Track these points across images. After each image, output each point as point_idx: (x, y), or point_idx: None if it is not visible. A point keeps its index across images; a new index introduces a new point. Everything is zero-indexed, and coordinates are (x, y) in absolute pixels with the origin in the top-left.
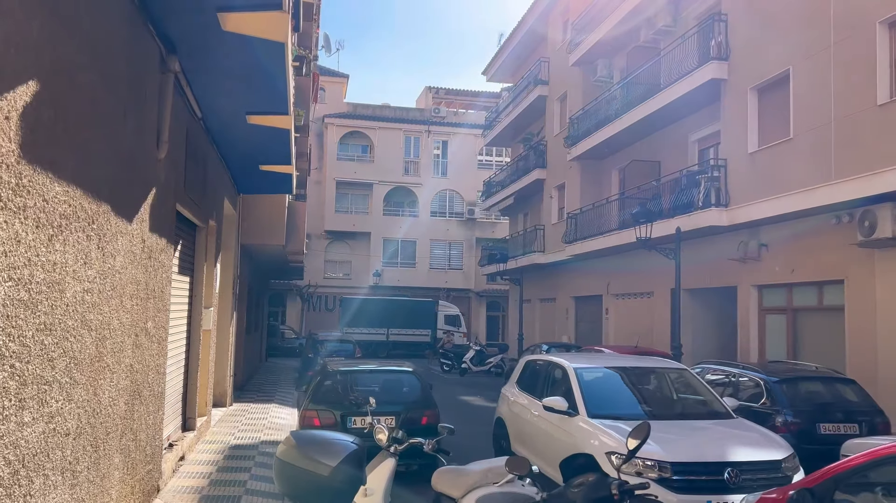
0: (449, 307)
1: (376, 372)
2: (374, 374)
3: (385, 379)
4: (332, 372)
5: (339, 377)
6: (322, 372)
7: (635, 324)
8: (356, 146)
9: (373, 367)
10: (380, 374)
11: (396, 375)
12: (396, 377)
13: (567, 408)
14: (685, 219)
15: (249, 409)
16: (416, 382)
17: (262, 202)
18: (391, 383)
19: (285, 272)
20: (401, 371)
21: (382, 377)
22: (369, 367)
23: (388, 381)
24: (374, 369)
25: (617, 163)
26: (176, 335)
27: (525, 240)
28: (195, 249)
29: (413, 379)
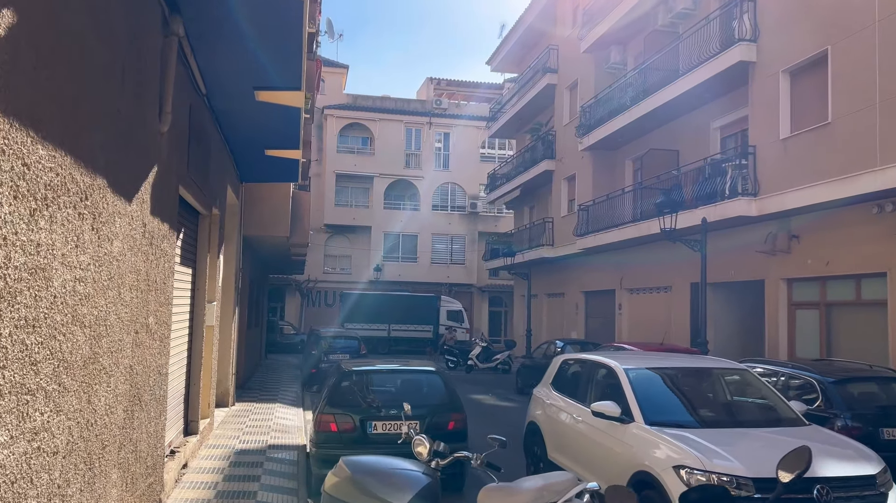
0: (451, 302)
1: (396, 372)
2: (393, 374)
3: (406, 379)
4: (348, 372)
5: (355, 377)
6: (337, 372)
7: (651, 320)
8: (356, 138)
9: (392, 367)
10: (400, 374)
11: (418, 375)
12: (418, 377)
13: (620, 414)
14: (711, 209)
15: (253, 410)
16: (440, 383)
17: (266, 192)
18: (412, 384)
19: (286, 266)
20: (423, 371)
21: (403, 377)
22: (388, 367)
23: (409, 382)
24: (393, 369)
25: (631, 152)
26: (178, 331)
27: (531, 233)
28: (197, 239)
29: (436, 379)
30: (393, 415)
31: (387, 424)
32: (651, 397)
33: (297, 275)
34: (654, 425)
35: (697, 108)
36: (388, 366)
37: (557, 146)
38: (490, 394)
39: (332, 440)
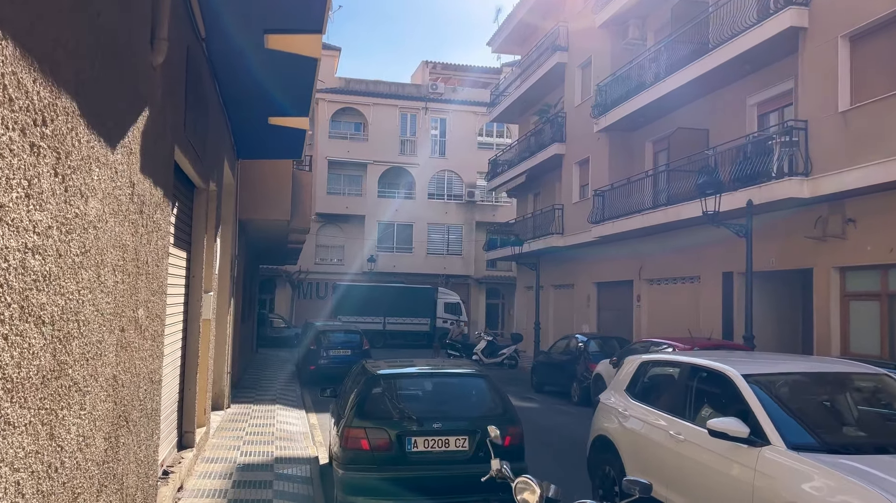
0: (449, 294)
1: (436, 376)
2: (432, 379)
3: (447, 385)
4: (378, 376)
5: (388, 383)
6: (362, 375)
7: (674, 313)
8: (349, 123)
9: (431, 370)
10: (440, 379)
11: (460, 380)
12: (462, 383)
13: (749, 434)
14: (755, 191)
15: (251, 412)
16: (488, 389)
17: (264, 170)
18: (456, 391)
19: (280, 255)
20: (466, 374)
21: (444, 382)
22: (426, 370)
23: (452, 388)
24: (432, 372)
25: (653, 133)
26: (172, 327)
27: (537, 222)
28: (193, 217)
29: (484, 385)
30: (437, 429)
31: (429, 441)
32: (786, 412)
33: (289, 266)
34: (799, 449)
35: (731, 83)
36: (425, 370)
37: (568, 128)
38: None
39: (364, 460)
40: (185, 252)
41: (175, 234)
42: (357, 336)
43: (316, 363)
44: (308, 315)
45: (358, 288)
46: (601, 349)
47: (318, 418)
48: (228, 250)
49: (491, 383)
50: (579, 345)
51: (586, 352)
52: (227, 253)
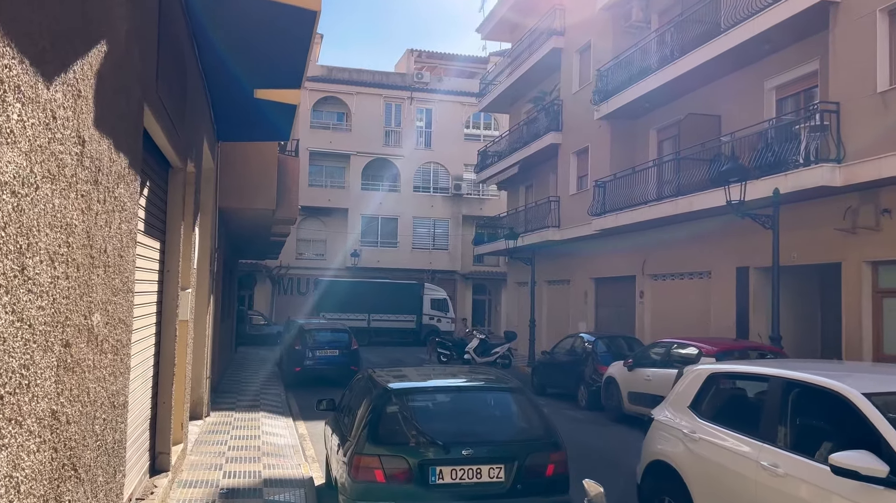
0: (436, 290)
1: (460, 389)
2: (455, 394)
3: (474, 400)
4: (392, 391)
5: (404, 400)
6: (371, 389)
7: (681, 310)
8: (331, 113)
9: (452, 383)
10: (465, 394)
11: (491, 394)
12: (491, 397)
13: (888, 473)
14: (781, 179)
15: (233, 422)
16: (525, 407)
17: (247, 155)
18: (485, 407)
19: (262, 248)
20: (497, 387)
21: (470, 398)
22: (447, 383)
23: (480, 404)
24: (454, 385)
25: (656, 121)
26: (142, 332)
27: (530, 215)
28: (169, 202)
29: (517, 399)
30: (466, 456)
31: (458, 471)
32: None
33: (270, 261)
34: None
35: (747, 65)
36: (448, 383)
37: (565, 117)
38: None
39: (379, 493)
40: (158, 242)
41: (146, 219)
42: (345, 335)
43: (301, 364)
44: (288, 312)
45: (341, 284)
46: (609, 349)
47: (308, 427)
48: (208, 242)
49: (527, 398)
50: (586, 345)
51: (594, 354)
52: (206, 245)
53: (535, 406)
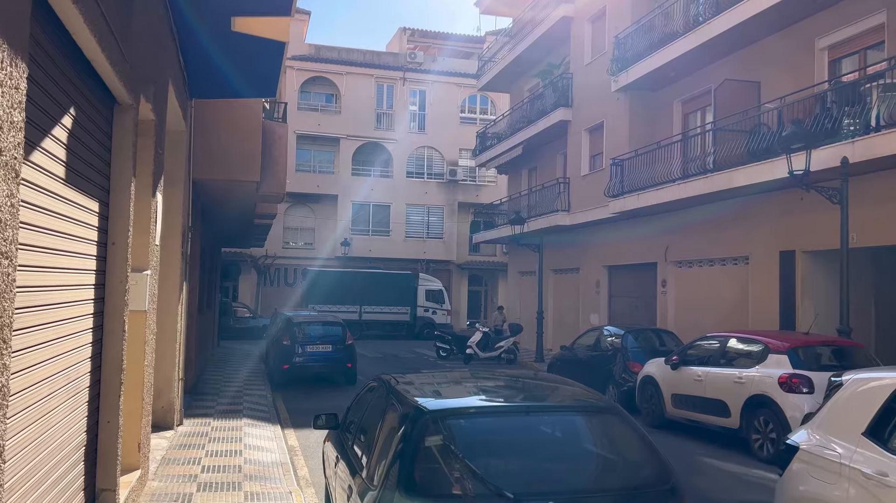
0: (431, 281)
1: (534, 412)
2: (526, 419)
3: (553, 427)
4: (425, 414)
5: (451, 429)
6: (399, 409)
7: (713, 300)
8: (319, 94)
9: (521, 401)
10: (540, 418)
11: (577, 419)
12: (578, 423)
13: None
14: (847, 147)
15: (210, 432)
16: (621, 431)
17: (226, 118)
18: (568, 437)
19: (246, 233)
20: (585, 408)
21: (547, 424)
22: (509, 402)
23: (560, 432)
24: (525, 405)
25: (681, 91)
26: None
27: (534, 199)
28: (114, 152)
29: (616, 425)
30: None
31: None
32: None
33: (255, 249)
34: None
35: (794, 23)
36: (510, 401)
37: (575, 91)
38: None
39: None
40: (96, 203)
41: (70, 164)
42: (338, 328)
43: (290, 361)
44: (275, 304)
45: (331, 274)
46: (640, 344)
47: (299, 437)
48: (179, 218)
49: (628, 422)
50: (612, 339)
51: (624, 349)
52: (176, 221)
53: (640, 434)
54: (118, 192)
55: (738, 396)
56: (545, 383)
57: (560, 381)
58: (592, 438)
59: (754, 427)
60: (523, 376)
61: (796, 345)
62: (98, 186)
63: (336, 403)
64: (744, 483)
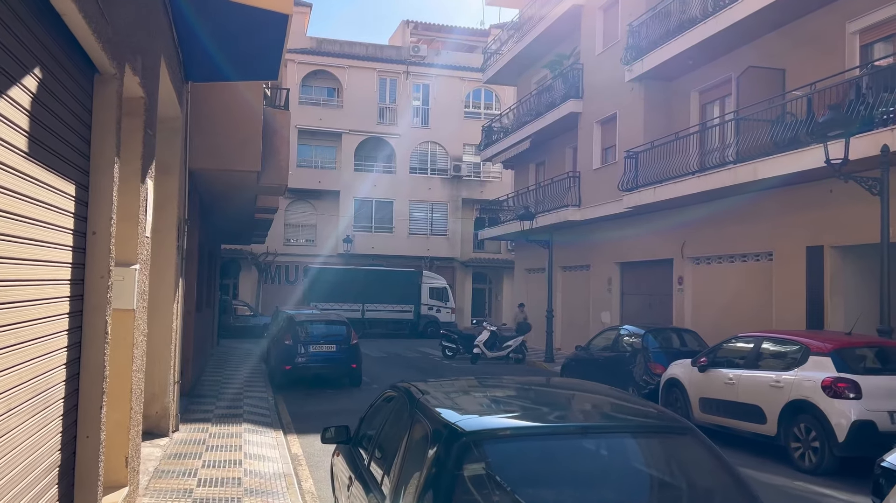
0: (435, 278)
1: (593, 433)
2: (583, 442)
3: (616, 452)
4: (462, 436)
5: (488, 454)
6: (422, 425)
7: (733, 297)
8: (321, 89)
9: (576, 420)
10: (601, 441)
11: (646, 442)
12: (647, 447)
13: None
14: (887, 134)
15: (208, 439)
16: (701, 459)
17: (225, 105)
18: (636, 464)
19: (246, 229)
20: (655, 429)
21: (609, 448)
22: (568, 422)
23: (627, 458)
24: (581, 425)
25: (698, 81)
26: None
27: (542, 194)
28: (93, 127)
29: (693, 450)
30: None
31: None
32: None
33: (255, 246)
34: None
35: (822, 6)
36: (566, 424)
37: (586, 82)
38: None
39: None
40: (72, 186)
41: (34, 136)
42: (343, 327)
43: (292, 362)
44: (276, 302)
45: (333, 271)
46: (661, 345)
47: (303, 444)
48: (174, 210)
49: (705, 445)
50: (632, 339)
51: (645, 350)
52: (170, 213)
53: (722, 460)
54: (99, 175)
55: (776, 401)
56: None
57: (610, 392)
58: (664, 464)
59: (794, 434)
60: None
61: (840, 347)
62: (76, 167)
63: (341, 406)
64: (790, 497)
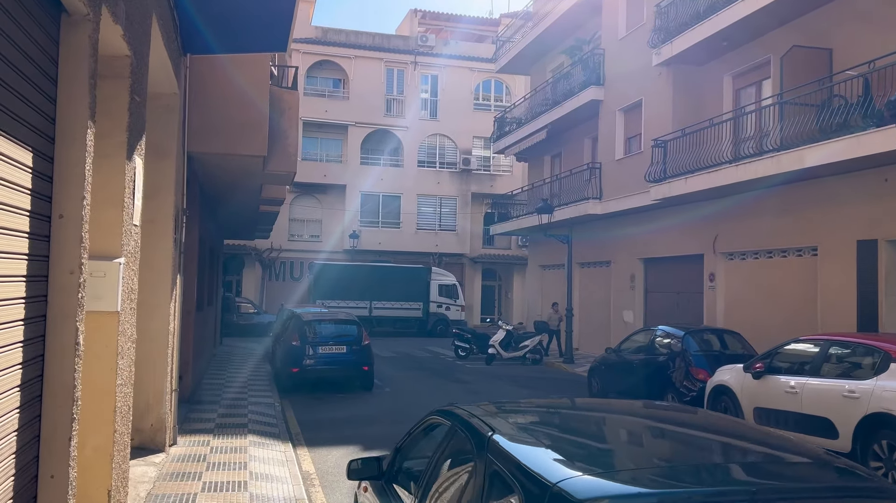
0: (444, 275)
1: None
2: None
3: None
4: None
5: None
6: (505, 478)
7: (772, 296)
8: (326, 80)
9: (741, 487)
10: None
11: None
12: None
13: None
14: None
15: (209, 455)
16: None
17: (227, 83)
18: None
19: (250, 221)
20: (859, 491)
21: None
22: (725, 488)
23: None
24: (748, 492)
25: (732, 65)
26: None
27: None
28: (59, 82)
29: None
30: None
31: None
32: None
33: (259, 241)
34: None
35: None
36: (730, 488)
37: (607, 68)
38: None
39: None
40: (28, 153)
41: None
42: (353, 327)
43: (300, 364)
44: (280, 299)
45: (339, 268)
46: (701, 347)
47: (315, 459)
48: (170, 197)
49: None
50: (666, 341)
51: (685, 353)
52: (166, 200)
53: None
54: (68, 143)
55: (850, 414)
56: (730, 429)
57: (767, 432)
58: None
59: (873, 452)
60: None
61: None
62: (36, 131)
63: (354, 412)
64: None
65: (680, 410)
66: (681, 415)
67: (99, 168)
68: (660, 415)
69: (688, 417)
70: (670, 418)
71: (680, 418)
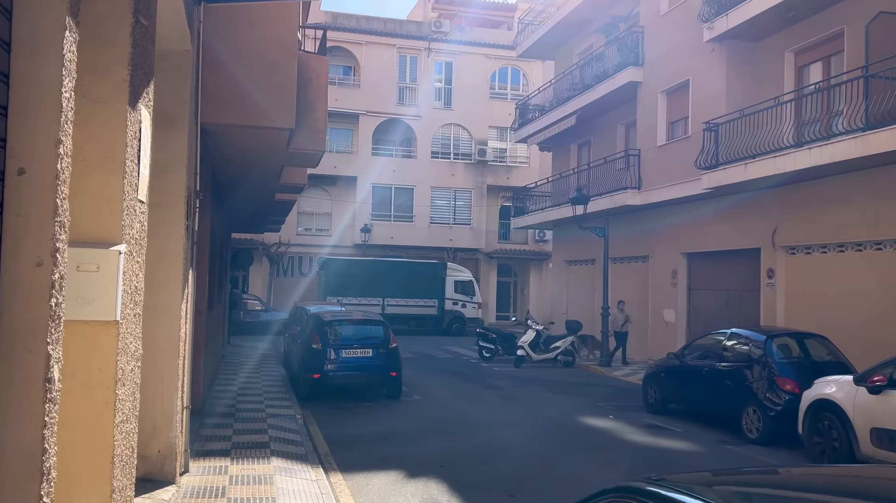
0: (460, 271)
1: None
2: None
3: None
4: None
5: None
6: None
7: (843, 294)
8: (337, 67)
9: None
10: None
11: None
12: None
13: None
14: None
15: (227, 487)
16: None
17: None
18: None
19: (263, 212)
20: None
21: None
22: None
23: None
24: None
25: (794, 39)
26: None
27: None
28: None
29: None
30: None
31: None
32: None
33: (269, 235)
34: None
35: None
36: None
37: (646, 48)
38: (610, 417)
39: None
40: None
41: None
42: (380, 328)
43: (321, 370)
44: (287, 295)
45: (350, 263)
46: (783, 354)
47: (352, 488)
48: (182, 177)
49: None
50: (741, 346)
51: (768, 361)
52: (177, 180)
53: None
54: (31, 50)
55: None
56: None
57: None
58: None
59: None
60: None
61: None
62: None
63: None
64: None
65: None
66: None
67: (90, 115)
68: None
69: None
70: None
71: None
